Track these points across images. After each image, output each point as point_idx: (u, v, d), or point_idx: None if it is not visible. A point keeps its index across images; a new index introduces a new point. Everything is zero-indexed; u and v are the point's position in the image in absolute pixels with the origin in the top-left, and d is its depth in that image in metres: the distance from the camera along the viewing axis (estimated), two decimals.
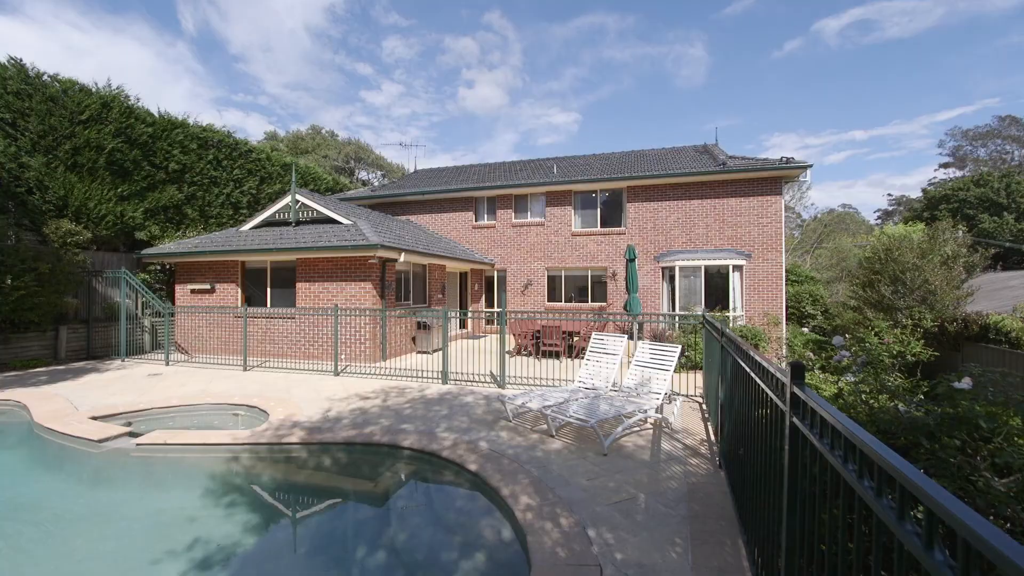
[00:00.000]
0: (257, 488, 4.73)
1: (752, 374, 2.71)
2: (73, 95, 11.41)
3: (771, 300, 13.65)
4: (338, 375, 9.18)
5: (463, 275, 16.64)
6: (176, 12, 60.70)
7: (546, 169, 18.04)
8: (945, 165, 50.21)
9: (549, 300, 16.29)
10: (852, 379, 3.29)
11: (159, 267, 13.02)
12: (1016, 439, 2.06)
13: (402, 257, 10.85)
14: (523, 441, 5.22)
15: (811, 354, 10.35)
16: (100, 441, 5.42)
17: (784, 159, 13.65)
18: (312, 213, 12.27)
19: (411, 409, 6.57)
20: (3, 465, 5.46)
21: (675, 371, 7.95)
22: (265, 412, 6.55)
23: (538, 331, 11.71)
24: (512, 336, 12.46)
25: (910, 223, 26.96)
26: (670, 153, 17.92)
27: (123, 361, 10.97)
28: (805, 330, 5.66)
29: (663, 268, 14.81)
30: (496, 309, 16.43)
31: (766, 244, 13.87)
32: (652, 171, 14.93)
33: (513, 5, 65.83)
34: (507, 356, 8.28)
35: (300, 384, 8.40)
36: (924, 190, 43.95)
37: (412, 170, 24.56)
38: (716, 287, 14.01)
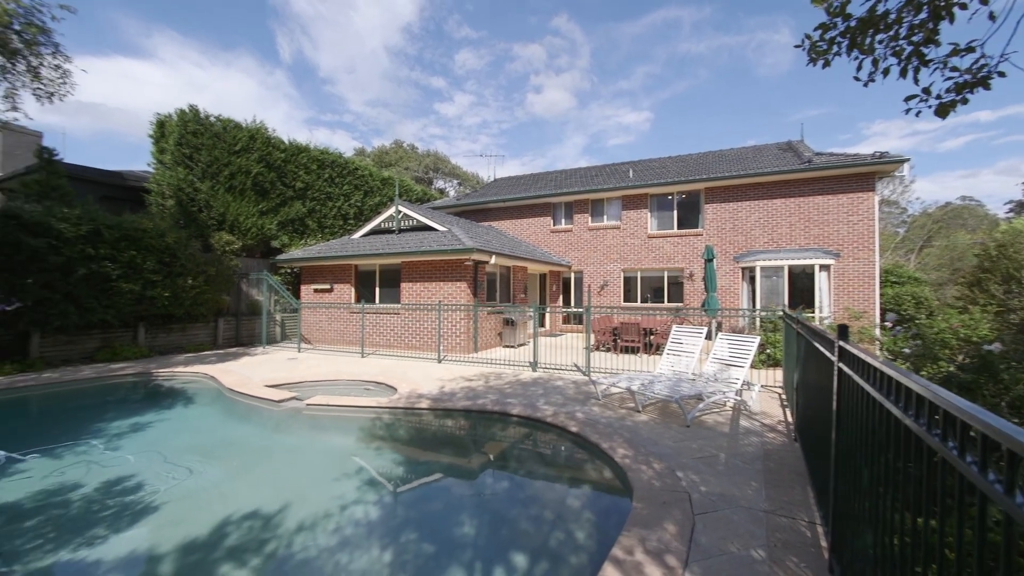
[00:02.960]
0: (400, 437, 6.03)
1: (814, 342, 3.39)
2: (230, 130, 14.05)
3: (863, 301, 13.19)
4: (441, 362, 10.56)
5: (542, 276, 17.69)
6: (275, 44, 68.38)
7: (621, 173, 18.61)
8: None
9: (625, 301, 16.83)
10: (908, 352, 3.78)
11: (288, 270, 15.42)
12: None
13: (492, 259, 12.09)
14: (613, 415, 6.07)
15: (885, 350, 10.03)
16: (279, 402, 7.07)
17: (877, 154, 13.17)
18: (412, 222, 13.95)
19: (511, 389, 7.65)
20: (212, 416, 7.28)
21: (755, 367, 8.35)
22: (392, 387, 7.97)
23: (616, 328, 12.39)
24: (591, 333, 13.24)
25: None
26: (751, 152, 17.71)
27: (264, 348, 13.25)
28: (888, 324, 5.75)
29: (743, 268, 14.80)
30: (576, 308, 17.27)
31: (857, 243, 13.43)
32: (731, 171, 14.99)
33: (581, 7, 66.30)
34: (588, 349, 9.11)
35: (412, 368, 9.85)
36: None
37: (484, 178, 26.15)
38: (801, 287, 13.79)
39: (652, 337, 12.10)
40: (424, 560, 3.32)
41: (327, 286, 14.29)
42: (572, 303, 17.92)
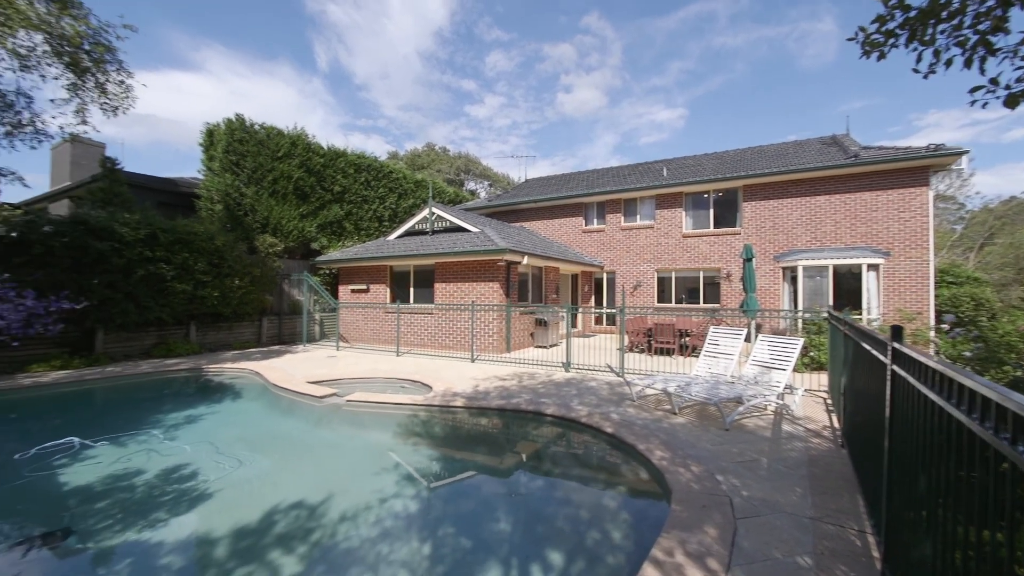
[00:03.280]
0: (436, 434, 6.15)
1: (865, 345, 3.26)
2: (273, 137, 14.69)
3: (916, 302, 12.48)
4: (474, 361, 10.68)
5: (574, 277, 17.60)
6: (313, 53, 70.80)
7: (655, 172, 18.29)
8: None
9: (658, 302, 16.53)
10: (969, 355, 3.57)
11: (327, 271, 15.96)
12: None
13: (525, 260, 12.14)
14: (649, 416, 5.99)
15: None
16: (321, 397, 7.34)
17: (932, 147, 12.43)
18: (445, 223, 14.17)
19: (544, 389, 7.67)
20: (258, 410, 7.63)
21: (798, 370, 8.05)
22: (427, 385, 8.13)
23: (650, 329, 12.19)
24: (625, 333, 13.08)
25: None
26: (792, 147, 17.05)
27: (304, 346, 13.76)
28: (945, 326, 5.40)
29: (784, 268, 14.27)
30: (609, 309, 17.10)
31: (909, 241, 12.72)
32: (772, 168, 14.49)
33: (612, 5, 65.45)
34: (621, 350, 9.01)
35: (446, 367, 10.01)
36: None
37: (515, 179, 26.21)
38: (847, 288, 13.17)
39: (687, 339, 11.84)
40: (461, 555, 3.38)
41: (363, 286, 14.69)
42: (604, 304, 17.75)
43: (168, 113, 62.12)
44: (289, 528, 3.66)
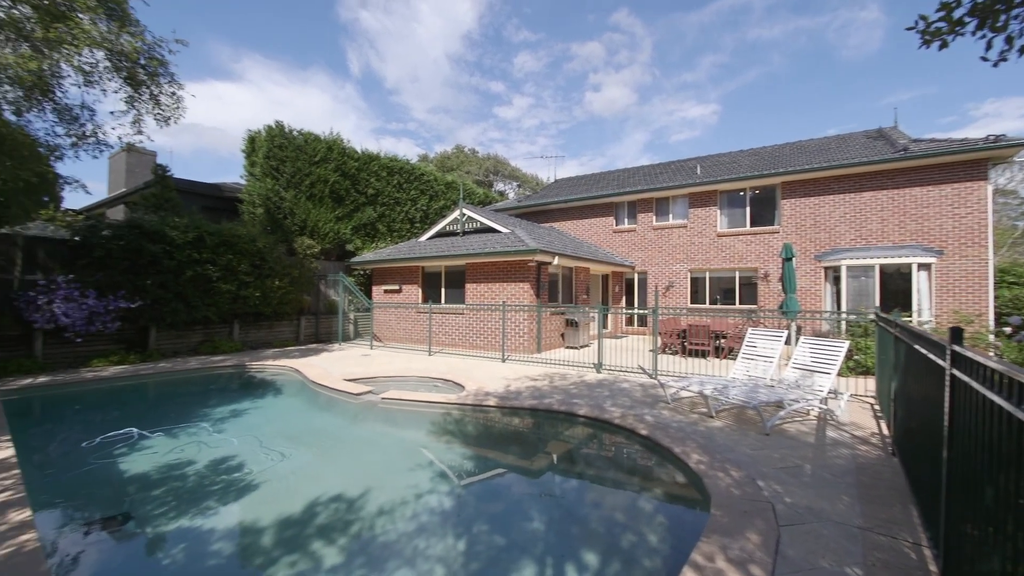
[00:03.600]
0: (469, 433, 6.22)
1: (919, 348, 3.09)
2: (310, 143, 15.20)
3: (973, 304, 11.72)
4: (505, 361, 10.73)
5: (605, 277, 17.43)
6: (347, 60, 72.73)
7: (688, 170, 17.90)
8: None
9: (692, 303, 16.16)
10: None
11: (361, 272, 16.37)
12: None
13: (555, 260, 12.10)
14: (684, 419, 5.87)
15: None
16: (357, 395, 7.54)
17: (991, 137, 11.66)
18: (475, 224, 14.30)
19: (576, 389, 7.63)
20: (298, 406, 7.90)
21: (842, 375, 7.72)
22: (459, 384, 8.22)
23: (683, 330, 11.94)
24: (658, 335, 12.86)
25: None
26: (834, 141, 16.34)
27: (340, 345, 14.16)
28: (1008, 329, 5.05)
29: (826, 268, 13.70)
30: (640, 310, 16.86)
31: (965, 238, 11.98)
32: (813, 164, 13.92)
33: (642, 1, 64.38)
34: (653, 352, 8.86)
35: (477, 367, 10.10)
36: None
37: (544, 179, 26.13)
38: (894, 288, 12.52)
39: (723, 340, 11.53)
40: (495, 552, 3.41)
41: (396, 287, 14.99)
42: (636, 304, 17.49)
43: (211, 121, 65.25)
44: (329, 520, 3.78)
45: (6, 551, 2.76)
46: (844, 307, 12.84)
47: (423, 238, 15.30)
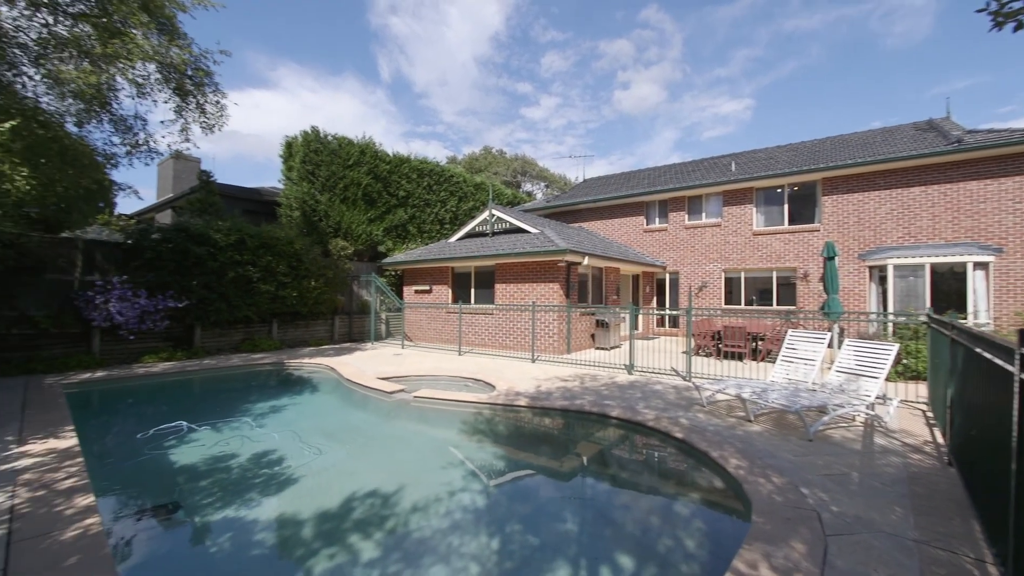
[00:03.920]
0: (500, 432, 6.24)
1: (982, 351, 2.91)
2: (344, 147, 15.61)
3: None
4: (534, 362, 10.72)
5: (635, 277, 17.17)
6: (377, 65, 74.23)
7: (722, 167, 17.43)
8: None
9: (726, 303, 15.71)
10: None
11: (392, 272, 16.69)
12: None
13: (585, 260, 12.00)
14: (721, 423, 5.71)
15: None
16: (391, 393, 7.68)
17: None
18: (505, 224, 14.34)
19: (607, 391, 7.54)
20: (334, 403, 8.12)
21: (890, 379, 7.34)
22: (489, 384, 8.26)
23: (718, 332, 11.62)
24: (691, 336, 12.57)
25: None
26: (879, 135, 15.57)
27: (372, 344, 14.46)
28: None
29: (870, 267, 13.07)
30: (673, 311, 16.56)
31: None
32: (856, 158, 13.31)
33: None
34: (685, 353, 8.66)
35: (507, 367, 10.12)
36: None
37: (572, 179, 25.96)
38: (947, 289, 11.81)
39: (760, 343, 11.16)
40: (529, 552, 3.40)
41: (426, 287, 15.20)
42: (667, 305, 17.15)
43: (249, 128, 67.89)
44: (366, 515, 3.86)
45: (74, 533, 2.95)
46: (891, 308, 12.20)
47: (453, 239, 15.47)
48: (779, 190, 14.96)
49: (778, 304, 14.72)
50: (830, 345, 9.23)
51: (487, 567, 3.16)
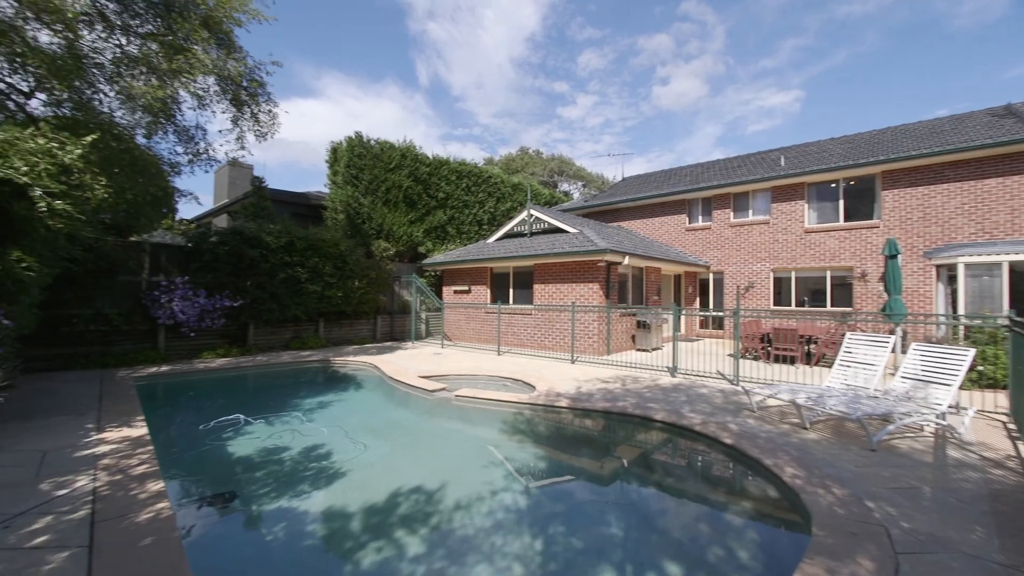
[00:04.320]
0: (541, 433, 6.21)
1: None
2: (386, 151, 16.05)
3: None
4: (574, 363, 10.62)
5: (677, 278, 16.71)
6: (415, 71, 75.87)
7: (770, 162, 16.68)
8: None
9: (775, 304, 15.01)
10: None
11: (432, 273, 16.99)
12: None
13: (626, 260, 11.79)
14: (773, 429, 5.45)
15: None
16: (432, 391, 7.81)
17: None
18: (543, 224, 14.30)
19: (650, 393, 7.36)
20: (378, 400, 8.34)
21: (963, 387, 6.79)
22: (529, 384, 8.24)
23: (766, 334, 11.12)
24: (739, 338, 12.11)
25: None
26: (947, 123, 14.44)
27: (413, 343, 14.76)
28: None
29: (938, 266, 12.13)
30: (718, 312, 15.98)
31: None
32: (921, 149, 12.39)
33: None
34: (732, 356, 8.32)
35: (546, 367, 10.07)
36: None
37: (609, 178, 25.55)
38: None
39: (813, 346, 10.58)
40: (572, 556, 3.35)
41: (465, 287, 15.37)
42: (711, 306, 16.58)
43: (296, 136, 70.92)
44: (410, 510, 3.93)
45: (148, 516, 3.16)
46: (961, 310, 11.28)
47: (491, 240, 15.56)
48: (833, 185, 14.15)
49: (832, 305, 13.92)
50: (893, 350, 8.63)
51: (531, 569, 3.14)
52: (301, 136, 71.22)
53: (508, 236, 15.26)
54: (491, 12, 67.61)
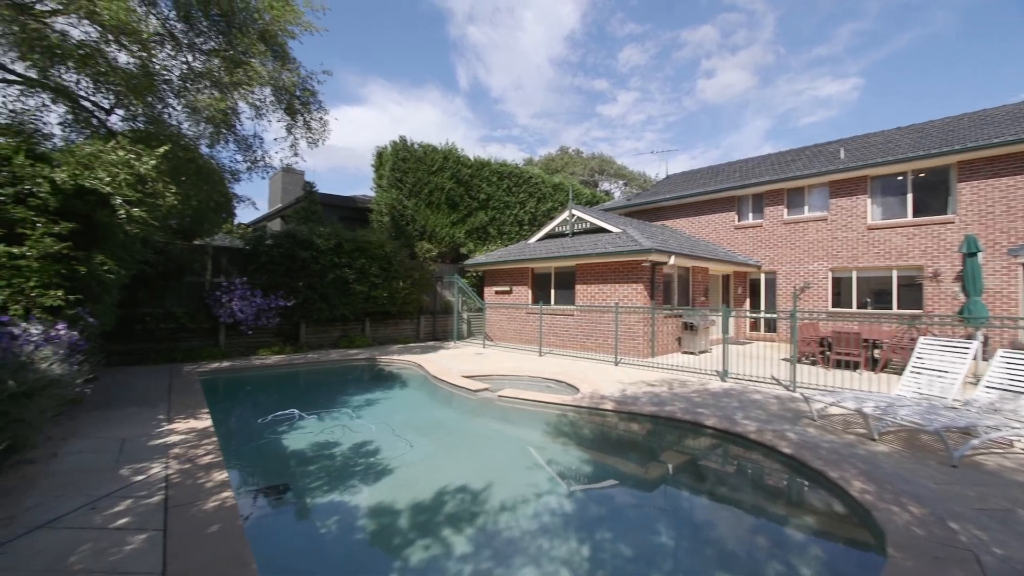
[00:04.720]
0: (586, 436, 6.11)
1: None
2: (429, 154, 16.37)
3: None
4: (617, 365, 10.40)
5: (725, 278, 16.05)
6: (456, 75, 76.89)
7: (828, 155, 15.71)
8: None
9: (834, 306, 14.11)
10: None
11: (474, 273, 17.16)
12: None
13: (671, 260, 11.43)
14: (836, 439, 5.10)
15: None
16: (475, 391, 7.86)
17: None
18: (585, 224, 14.11)
19: (699, 398, 7.08)
20: (423, 399, 8.49)
21: None
22: (572, 386, 8.14)
23: (824, 337, 10.46)
24: (796, 342, 11.46)
25: None
26: None
27: (455, 343, 14.95)
28: None
29: None
30: (771, 314, 15.24)
31: None
32: (1005, 136, 11.29)
33: None
34: (787, 361, 7.87)
35: (589, 369, 9.93)
36: None
37: (651, 176, 24.92)
38: None
39: (878, 351, 9.85)
40: (621, 563, 3.26)
41: (507, 288, 15.42)
42: (762, 307, 15.80)
43: (343, 142, 73.66)
44: (456, 509, 3.95)
45: (214, 504, 3.35)
46: None
47: (532, 240, 15.53)
48: (900, 178, 13.15)
49: (899, 307, 12.92)
50: (974, 357, 7.88)
51: (578, 574, 3.08)
52: (347, 143, 73.93)
53: (549, 236, 15.18)
54: (530, 13, 67.58)
